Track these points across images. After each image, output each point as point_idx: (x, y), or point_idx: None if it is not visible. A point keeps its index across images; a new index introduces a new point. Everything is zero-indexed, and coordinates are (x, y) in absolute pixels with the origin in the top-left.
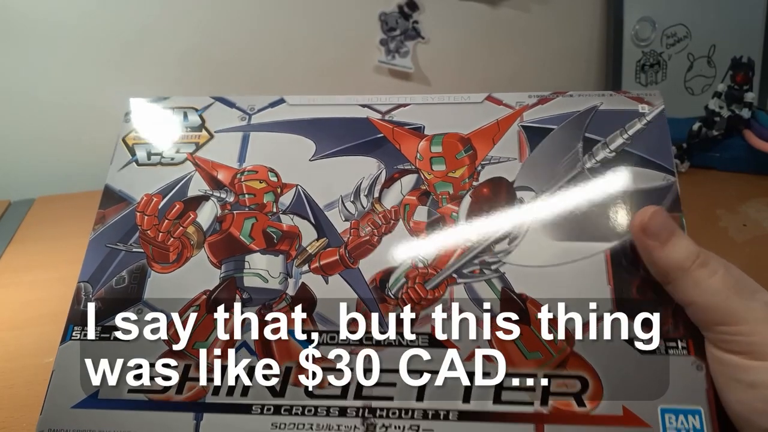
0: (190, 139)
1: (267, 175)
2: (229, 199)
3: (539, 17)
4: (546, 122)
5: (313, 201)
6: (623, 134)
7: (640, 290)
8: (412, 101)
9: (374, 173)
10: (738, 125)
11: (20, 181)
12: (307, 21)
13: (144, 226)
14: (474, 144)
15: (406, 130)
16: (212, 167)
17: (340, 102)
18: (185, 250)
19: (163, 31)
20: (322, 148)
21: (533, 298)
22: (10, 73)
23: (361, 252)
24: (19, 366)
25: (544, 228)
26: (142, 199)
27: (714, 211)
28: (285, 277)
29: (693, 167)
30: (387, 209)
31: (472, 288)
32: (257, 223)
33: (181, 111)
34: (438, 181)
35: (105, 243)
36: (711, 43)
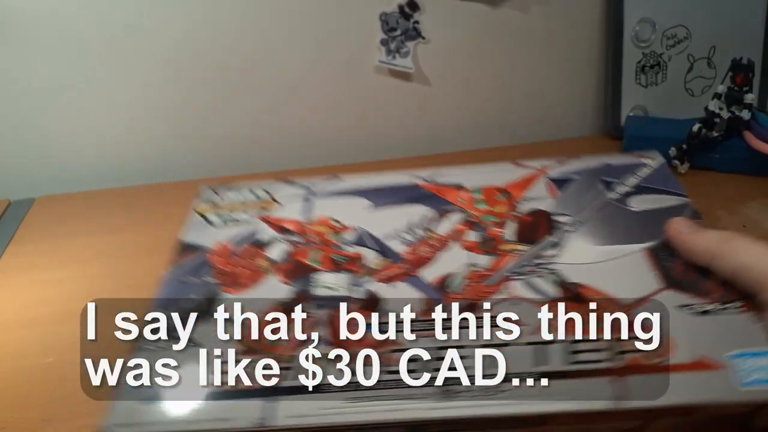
0: (258, 206)
1: (329, 221)
2: (296, 240)
3: (539, 18)
4: (568, 174)
5: (374, 235)
6: (635, 175)
7: (682, 272)
8: (451, 169)
9: (425, 213)
10: (738, 126)
11: (20, 181)
12: (307, 21)
13: (216, 263)
14: (508, 191)
15: (447, 186)
16: (279, 221)
17: (388, 174)
18: (257, 276)
19: (159, 29)
20: (379, 203)
21: (587, 285)
22: (10, 74)
23: (421, 264)
24: (19, 366)
25: (584, 236)
26: (215, 246)
27: (714, 212)
28: (353, 286)
29: (693, 168)
30: (441, 235)
31: (529, 282)
32: (323, 252)
33: (247, 188)
34: (483, 215)
35: (177, 279)
36: (711, 44)
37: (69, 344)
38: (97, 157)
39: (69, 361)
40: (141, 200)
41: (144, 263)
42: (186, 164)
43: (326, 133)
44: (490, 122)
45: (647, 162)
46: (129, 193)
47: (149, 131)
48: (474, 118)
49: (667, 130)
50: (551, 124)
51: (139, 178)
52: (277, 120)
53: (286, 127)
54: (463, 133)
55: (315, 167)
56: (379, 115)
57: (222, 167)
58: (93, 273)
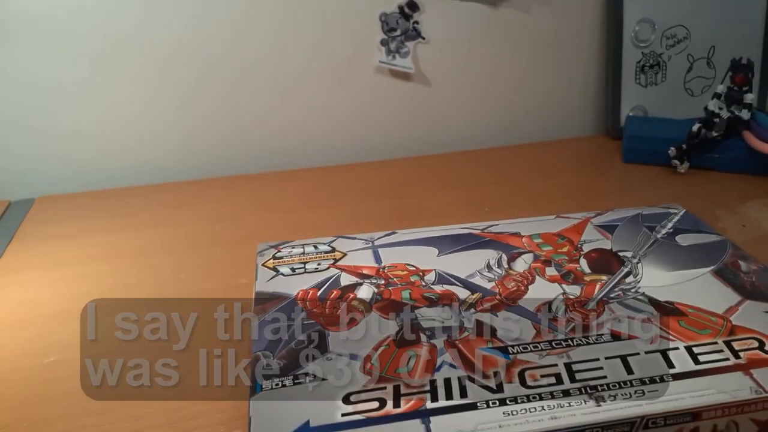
0: (327, 257)
1: (406, 266)
2: (380, 282)
3: (539, 18)
4: (611, 222)
5: (454, 275)
6: (670, 221)
7: (752, 286)
8: (501, 222)
9: (497, 255)
10: (737, 126)
11: (20, 181)
12: (307, 21)
13: (308, 308)
14: (566, 235)
15: (506, 234)
16: (356, 268)
17: (442, 228)
18: (357, 313)
19: (158, 27)
20: (444, 249)
21: (677, 302)
22: (10, 74)
23: (516, 296)
24: (19, 366)
25: (654, 265)
26: (299, 292)
27: (713, 211)
28: (458, 317)
29: (692, 168)
30: (521, 271)
31: (625, 303)
32: (413, 291)
33: (311, 244)
34: (553, 254)
35: (272, 323)
36: (711, 44)
37: (69, 344)
38: (97, 158)
39: (69, 361)
40: (140, 201)
41: (144, 263)
42: (186, 165)
43: (326, 132)
44: (490, 122)
45: (674, 210)
46: (129, 193)
47: (149, 132)
48: (474, 118)
49: (666, 130)
50: (551, 124)
51: (139, 178)
52: (277, 120)
53: (286, 127)
54: (463, 133)
55: (315, 167)
56: (379, 115)
57: (222, 167)
58: (93, 273)
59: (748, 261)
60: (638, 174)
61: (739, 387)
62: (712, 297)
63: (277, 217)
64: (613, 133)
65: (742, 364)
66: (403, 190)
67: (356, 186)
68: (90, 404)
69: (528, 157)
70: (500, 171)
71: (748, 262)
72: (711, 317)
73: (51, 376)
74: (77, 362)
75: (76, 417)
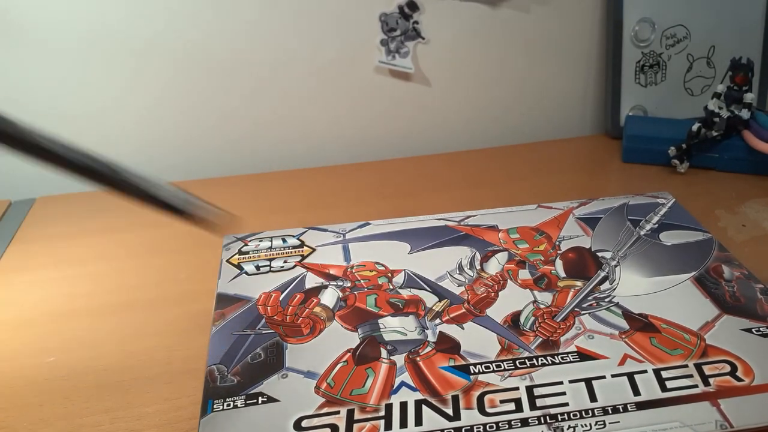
0: (295, 253)
1: (375, 266)
2: (346, 285)
3: (539, 18)
4: (594, 215)
5: (423, 277)
6: (657, 214)
7: (732, 297)
8: (479, 213)
9: (470, 254)
10: (737, 126)
11: (20, 181)
12: (307, 21)
13: (269, 314)
14: (544, 230)
15: (483, 228)
16: (323, 267)
17: (417, 219)
18: (317, 324)
19: (160, 31)
20: (416, 245)
21: (652, 314)
22: (10, 74)
23: (484, 304)
24: (19, 366)
25: (632, 270)
26: (261, 296)
27: (713, 211)
28: (422, 329)
29: (692, 167)
30: (493, 274)
31: (597, 315)
32: (379, 297)
33: (279, 237)
34: (529, 253)
35: (230, 332)
36: (710, 43)
37: (69, 344)
38: None
39: (69, 361)
40: None
41: (144, 263)
42: (186, 165)
43: (326, 132)
44: (490, 122)
45: (661, 201)
46: None
47: (149, 132)
48: (474, 118)
49: (666, 130)
50: (551, 123)
51: None
52: (277, 120)
53: (286, 127)
54: (462, 133)
55: (315, 167)
56: (378, 115)
57: (222, 168)
58: (93, 273)
59: (731, 266)
60: (638, 173)
61: (704, 420)
62: (688, 310)
63: (277, 217)
64: (612, 133)
65: (710, 392)
66: (403, 190)
67: (356, 186)
68: (90, 404)
69: (528, 157)
70: (500, 171)
71: (731, 267)
72: (685, 335)
73: (51, 376)
74: (77, 362)
75: (76, 417)
